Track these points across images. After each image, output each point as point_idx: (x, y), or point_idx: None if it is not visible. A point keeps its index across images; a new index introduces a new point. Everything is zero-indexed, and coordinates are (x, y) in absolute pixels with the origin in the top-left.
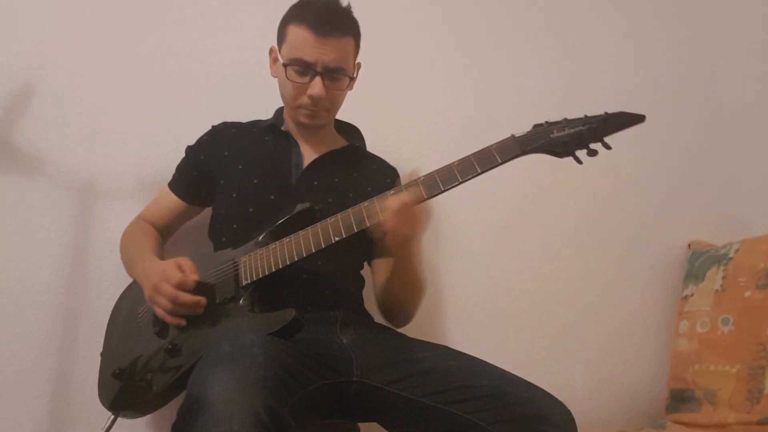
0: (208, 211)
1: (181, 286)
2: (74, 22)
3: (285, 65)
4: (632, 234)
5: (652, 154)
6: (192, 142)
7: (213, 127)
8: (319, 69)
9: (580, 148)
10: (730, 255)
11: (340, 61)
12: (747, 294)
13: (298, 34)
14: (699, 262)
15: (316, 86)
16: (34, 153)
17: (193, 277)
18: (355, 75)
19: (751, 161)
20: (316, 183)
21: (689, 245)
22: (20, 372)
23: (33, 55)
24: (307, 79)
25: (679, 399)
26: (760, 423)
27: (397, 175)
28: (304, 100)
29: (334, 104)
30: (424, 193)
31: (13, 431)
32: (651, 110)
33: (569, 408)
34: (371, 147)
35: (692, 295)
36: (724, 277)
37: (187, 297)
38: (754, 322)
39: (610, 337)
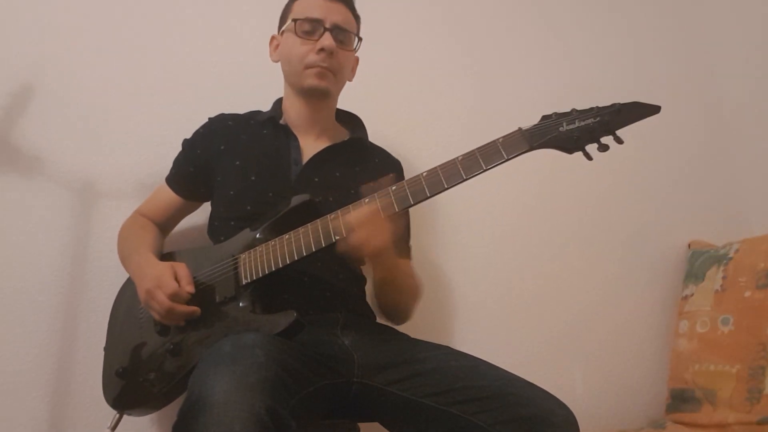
0: (208, 209)
1: (174, 298)
2: (74, 22)
3: (294, 21)
4: (632, 234)
5: (652, 154)
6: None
7: (210, 119)
8: (328, 25)
9: (591, 143)
10: (730, 255)
11: (347, 23)
12: (747, 294)
13: (305, 1)
14: (699, 262)
15: (327, 39)
16: (34, 153)
17: (188, 288)
18: (359, 43)
19: (751, 161)
20: (316, 180)
21: (689, 245)
22: (20, 372)
23: (33, 55)
24: (316, 36)
25: (679, 399)
26: (760, 423)
27: (401, 168)
28: (313, 57)
29: (342, 69)
30: (395, 204)
31: (13, 431)
32: None
33: (569, 408)
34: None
35: (692, 295)
36: (724, 277)
37: (181, 309)
38: (754, 322)
39: (610, 337)
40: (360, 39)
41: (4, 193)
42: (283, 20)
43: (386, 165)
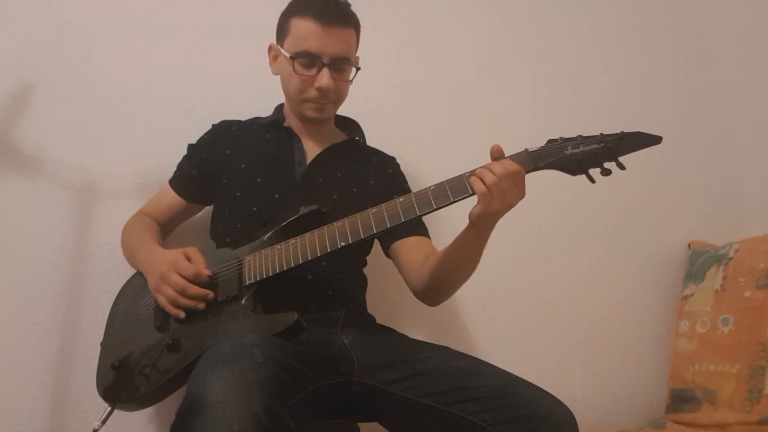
0: (208, 211)
1: (194, 280)
2: (75, 22)
3: (292, 58)
4: (632, 234)
5: (652, 154)
6: (193, 141)
7: (213, 125)
8: (325, 60)
9: (594, 167)
10: (730, 255)
11: (345, 52)
12: (747, 294)
13: (302, 26)
14: (699, 262)
15: (324, 78)
16: (34, 153)
17: (205, 271)
18: (356, 72)
19: (751, 161)
20: (320, 180)
21: (689, 245)
22: (20, 372)
23: (33, 54)
24: (314, 71)
25: (679, 399)
26: (760, 423)
27: (397, 164)
28: (312, 93)
29: (340, 96)
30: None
31: (13, 431)
32: (651, 110)
33: (569, 408)
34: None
35: (692, 295)
36: (724, 277)
37: (196, 289)
38: (754, 322)
39: (610, 337)
40: (358, 68)
41: (3, 193)
42: (280, 31)
43: (383, 164)
